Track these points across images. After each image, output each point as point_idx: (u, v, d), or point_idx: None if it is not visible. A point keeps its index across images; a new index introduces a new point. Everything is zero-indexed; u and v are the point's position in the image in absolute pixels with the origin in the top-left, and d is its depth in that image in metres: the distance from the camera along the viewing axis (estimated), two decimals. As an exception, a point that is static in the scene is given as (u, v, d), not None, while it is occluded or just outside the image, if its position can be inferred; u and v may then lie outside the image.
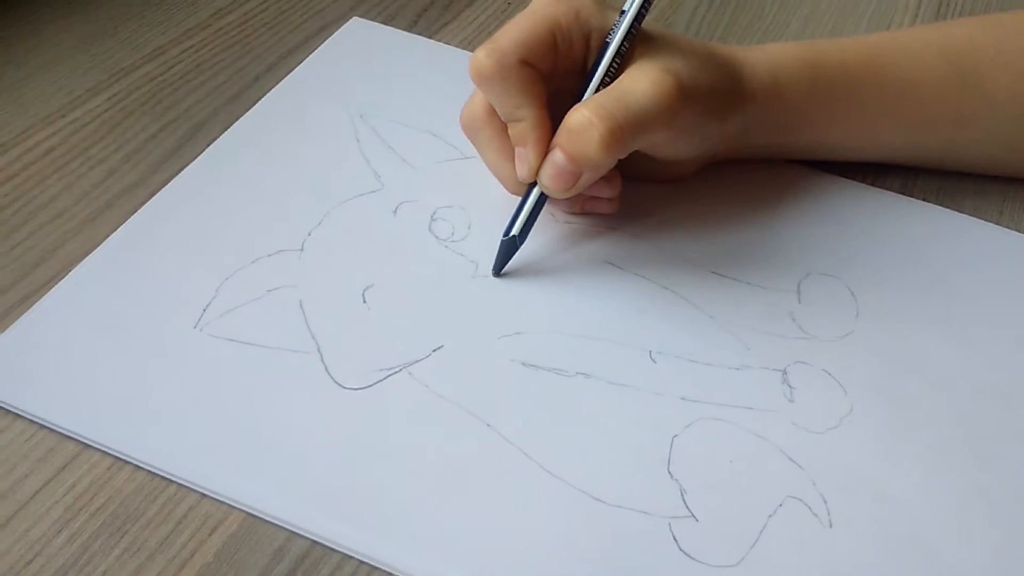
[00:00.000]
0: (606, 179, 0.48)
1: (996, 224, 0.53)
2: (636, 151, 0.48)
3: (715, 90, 0.48)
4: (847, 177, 0.54)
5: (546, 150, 0.46)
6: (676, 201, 0.52)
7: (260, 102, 0.55)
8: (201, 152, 0.52)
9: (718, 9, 0.66)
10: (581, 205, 0.50)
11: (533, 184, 0.47)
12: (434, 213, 0.50)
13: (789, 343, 0.46)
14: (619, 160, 0.47)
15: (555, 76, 0.47)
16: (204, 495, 0.39)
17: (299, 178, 0.51)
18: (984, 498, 0.41)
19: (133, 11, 0.61)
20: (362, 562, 0.38)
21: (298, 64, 0.58)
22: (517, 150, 0.46)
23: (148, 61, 0.58)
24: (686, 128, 0.47)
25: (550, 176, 0.45)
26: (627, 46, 0.46)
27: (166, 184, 0.50)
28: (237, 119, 0.54)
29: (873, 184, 0.54)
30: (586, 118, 0.44)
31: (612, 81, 0.46)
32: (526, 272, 0.48)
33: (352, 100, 0.56)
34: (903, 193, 0.54)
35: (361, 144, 0.53)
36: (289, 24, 0.62)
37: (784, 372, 0.45)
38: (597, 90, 0.46)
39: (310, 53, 0.59)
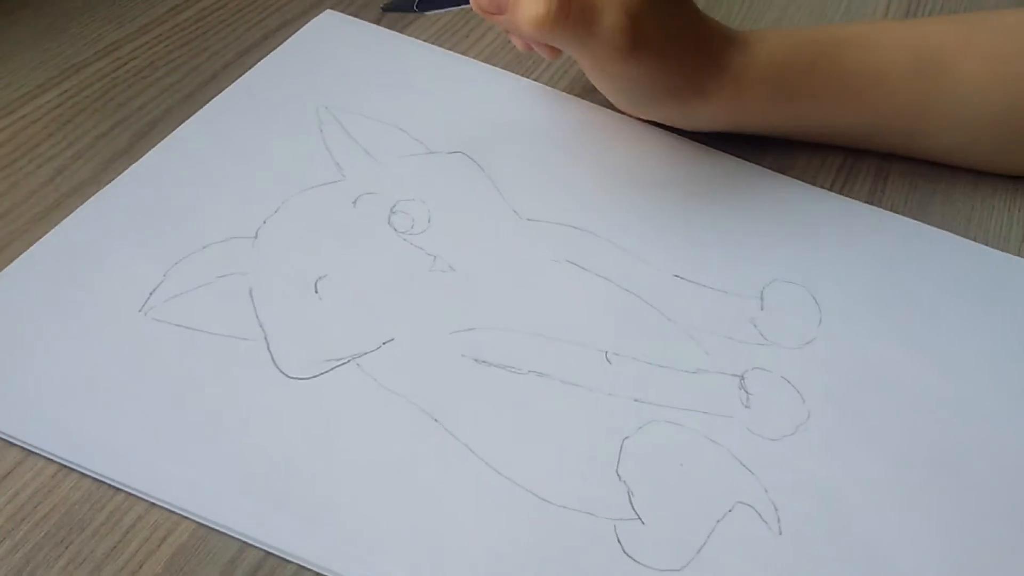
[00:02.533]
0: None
1: (964, 232, 0.52)
2: None
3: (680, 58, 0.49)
4: (816, 184, 0.54)
5: None
6: (641, 203, 0.51)
7: (224, 91, 0.54)
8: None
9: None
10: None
11: None
12: (394, 206, 0.49)
13: (749, 349, 0.45)
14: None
15: None
16: (153, 504, 0.37)
17: (257, 166, 0.50)
18: (938, 510, 0.40)
19: (87, 5, 0.59)
20: (301, 567, 0.36)
21: (256, 61, 0.56)
22: None
23: (101, 57, 0.56)
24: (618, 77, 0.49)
25: None
26: None
27: (117, 182, 0.49)
28: (191, 116, 0.53)
29: (841, 191, 0.54)
30: None
31: None
32: (484, 267, 0.47)
33: (318, 91, 0.55)
34: (871, 200, 0.54)
35: (324, 135, 0.52)
36: (248, 21, 0.60)
37: (742, 378, 0.44)
38: None
39: (270, 50, 0.57)
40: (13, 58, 0.56)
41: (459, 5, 0.49)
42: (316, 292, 0.45)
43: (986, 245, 0.52)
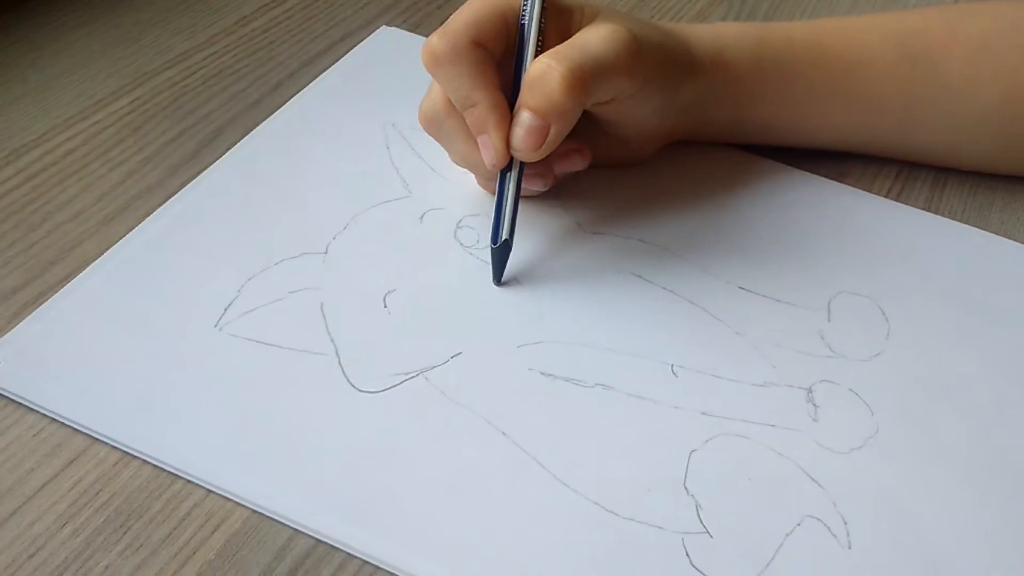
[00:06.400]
0: (578, 152, 0.48)
1: (1024, 241, 0.52)
2: (597, 129, 0.48)
3: (667, 50, 0.48)
4: (872, 192, 0.54)
5: (508, 132, 0.45)
6: (703, 214, 0.51)
7: (287, 104, 0.55)
8: (220, 157, 0.52)
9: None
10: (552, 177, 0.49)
11: (504, 180, 0.46)
12: (460, 221, 0.50)
13: (816, 361, 0.45)
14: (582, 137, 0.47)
15: (510, 61, 0.47)
16: (209, 491, 0.39)
17: (326, 182, 0.51)
18: (1010, 526, 0.40)
19: (158, 17, 0.62)
20: (365, 562, 0.37)
21: (321, 71, 0.58)
22: (480, 139, 0.45)
23: (171, 66, 0.58)
24: (645, 81, 0.47)
25: (520, 137, 0.44)
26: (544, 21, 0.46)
27: (183, 187, 0.50)
28: (257, 125, 0.54)
29: (898, 199, 0.54)
30: (544, 63, 0.43)
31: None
32: (550, 281, 0.47)
33: (382, 107, 0.56)
34: (928, 207, 0.53)
35: (391, 151, 0.53)
36: (313, 32, 0.62)
37: (809, 391, 0.44)
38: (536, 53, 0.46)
39: (334, 61, 0.59)
40: (88, 66, 0.58)
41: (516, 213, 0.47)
42: (385, 307, 0.45)
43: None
